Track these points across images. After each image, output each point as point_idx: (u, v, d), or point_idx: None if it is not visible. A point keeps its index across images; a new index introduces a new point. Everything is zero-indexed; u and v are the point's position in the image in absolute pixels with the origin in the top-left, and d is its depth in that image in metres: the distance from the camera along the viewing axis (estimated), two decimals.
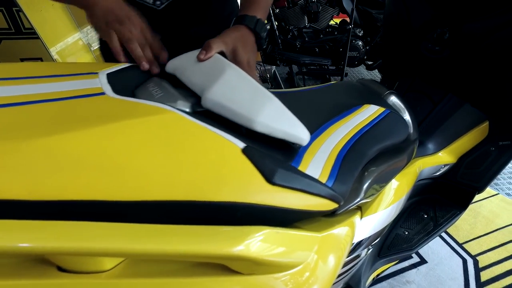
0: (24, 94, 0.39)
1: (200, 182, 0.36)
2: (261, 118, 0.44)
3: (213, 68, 0.53)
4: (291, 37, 2.20)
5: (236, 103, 0.45)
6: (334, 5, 2.12)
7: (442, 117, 0.98)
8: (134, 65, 0.55)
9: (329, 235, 0.51)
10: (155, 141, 0.36)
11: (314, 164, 0.49)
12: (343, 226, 0.56)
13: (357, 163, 0.58)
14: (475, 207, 1.55)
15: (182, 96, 0.47)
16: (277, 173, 0.41)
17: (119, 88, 0.45)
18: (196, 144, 0.39)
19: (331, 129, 0.61)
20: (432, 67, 0.96)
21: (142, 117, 0.38)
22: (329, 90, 0.77)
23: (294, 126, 0.47)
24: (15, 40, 1.71)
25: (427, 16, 0.90)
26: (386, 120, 0.71)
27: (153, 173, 0.35)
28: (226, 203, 0.37)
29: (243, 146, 0.41)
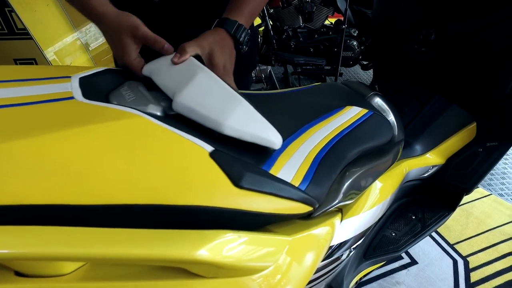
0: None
1: (164, 185, 0.36)
2: (229, 122, 0.44)
3: (186, 71, 0.52)
4: (286, 37, 2.20)
5: (205, 107, 0.45)
6: (329, 5, 2.12)
7: (430, 118, 0.98)
8: (110, 69, 0.55)
9: (303, 237, 0.51)
10: (119, 145, 0.36)
11: (287, 167, 0.49)
12: (319, 228, 0.56)
13: (335, 165, 0.58)
14: (467, 208, 1.55)
15: (154, 100, 0.47)
16: (245, 176, 0.41)
17: (90, 92, 0.44)
18: (162, 148, 0.39)
19: (310, 131, 0.61)
20: (419, 68, 0.96)
21: (107, 122, 0.38)
22: (311, 91, 0.77)
23: (265, 129, 0.47)
24: (8, 40, 1.71)
25: (413, 17, 0.90)
26: (369, 122, 0.71)
27: (117, 177, 0.35)
28: (190, 207, 0.37)
29: (211, 150, 0.41)
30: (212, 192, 0.39)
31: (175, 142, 0.40)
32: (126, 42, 0.55)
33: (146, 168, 0.36)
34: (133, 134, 0.38)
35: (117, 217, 0.35)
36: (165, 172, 0.37)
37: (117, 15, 0.57)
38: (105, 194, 0.34)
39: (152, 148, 0.38)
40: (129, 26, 0.55)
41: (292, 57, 2.13)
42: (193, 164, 0.39)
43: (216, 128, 0.44)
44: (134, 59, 0.55)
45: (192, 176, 0.39)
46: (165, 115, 0.46)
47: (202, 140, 0.42)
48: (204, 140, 0.42)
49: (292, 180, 0.48)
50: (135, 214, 0.35)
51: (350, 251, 0.72)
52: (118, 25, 0.55)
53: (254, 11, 0.69)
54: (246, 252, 0.38)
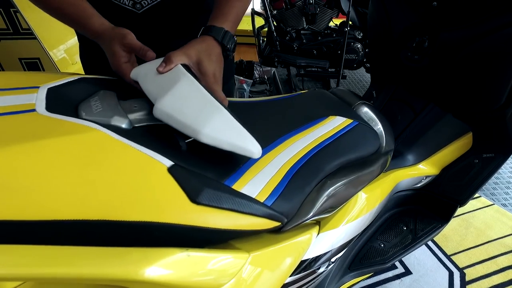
0: None
1: (116, 201, 0.36)
2: (206, 130, 0.44)
3: (170, 78, 0.52)
4: (289, 39, 2.18)
5: (184, 114, 0.45)
6: (333, 6, 2.09)
7: (423, 128, 0.96)
8: (85, 77, 0.55)
9: (269, 252, 0.50)
10: (71, 160, 0.36)
11: (255, 181, 0.48)
12: (290, 242, 0.55)
13: (310, 178, 0.57)
14: (467, 218, 1.51)
15: (122, 112, 0.47)
16: (202, 192, 0.40)
17: (56, 103, 0.44)
18: (117, 163, 0.38)
19: (287, 142, 0.60)
20: (413, 76, 0.93)
21: (61, 136, 0.38)
22: (295, 100, 0.75)
23: (243, 138, 0.46)
24: (13, 40, 1.75)
25: (407, 23, 0.88)
26: (352, 132, 0.69)
27: (65, 192, 0.34)
28: (143, 223, 0.36)
29: (170, 165, 0.40)
30: (167, 208, 0.39)
31: (132, 157, 0.40)
32: (115, 50, 0.59)
33: (97, 183, 0.36)
34: (88, 149, 0.38)
35: (65, 233, 0.35)
36: (118, 188, 0.37)
37: (112, 29, 0.61)
38: (51, 210, 0.33)
39: (106, 163, 0.38)
40: (118, 35, 0.59)
41: (294, 59, 2.11)
42: (149, 179, 0.39)
43: (193, 135, 0.44)
44: (122, 64, 0.59)
45: (147, 191, 0.38)
46: (132, 127, 0.46)
47: (163, 154, 0.41)
48: (166, 154, 0.41)
49: (257, 195, 0.47)
50: (84, 230, 0.35)
51: (329, 264, 0.71)
52: (111, 36, 0.60)
53: (238, 17, 0.69)
54: (194, 271, 0.37)
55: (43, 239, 0.33)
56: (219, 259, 0.41)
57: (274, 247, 0.51)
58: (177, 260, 0.36)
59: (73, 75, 0.54)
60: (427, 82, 0.91)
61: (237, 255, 0.44)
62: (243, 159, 0.50)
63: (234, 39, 0.67)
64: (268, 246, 0.50)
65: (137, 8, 0.71)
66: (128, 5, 0.70)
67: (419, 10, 0.85)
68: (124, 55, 0.59)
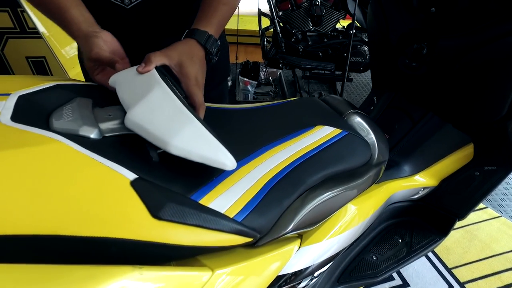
0: None
1: (69, 215, 0.35)
2: (176, 141, 0.43)
3: (144, 86, 0.51)
4: (295, 41, 2.15)
5: (154, 125, 0.44)
6: (340, 8, 2.05)
7: (422, 137, 0.92)
8: (61, 84, 0.54)
9: (239, 268, 0.48)
10: (24, 173, 0.35)
11: (227, 194, 0.47)
12: (264, 257, 0.53)
13: (289, 192, 0.55)
14: (472, 229, 1.45)
15: (92, 121, 0.46)
16: (165, 207, 0.39)
17: (24, 112, 0.43)
18: (75, 176, 0.37)
19: (268, 153, 0.58)
20: (411, 83, 0.89)
21: (18, 148, 0.36)
22: (283, 107, 0.73)
23: (215, 150, 0.45)
24: (20, 39, 1.78)
25: (405, 29, 0.84)
26: (340, 143, 0.66)
27: (12, 206, 0.33)
28: (97, 238, 0.35)
29: (133, 178, 0.39)
30: (126, 223, 0.37)
31: (93, 170, 0.38)
32: (86, 63, 0.58)
33: (50, 197, 0.35)
34: (45, 162, 0.37)
35: (11, 249, 0.33)
36: (74, 202, 0.35)
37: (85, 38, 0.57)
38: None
39: (63, 176, 0.37)
40: (87, 48, 0.57)
41: (299, 62, 2.08)
42: (109, 193, 0.38)
43: (163, 147, 0.43)
44: (95, 76, 0.59)
45: (106, 205, 0.37)
46: (102, 137, 0.45)
47: (128, 167, 0.40)
48: (132, 167, 0.40)
49: (227, 210, 0.45)
50: (33, 246, 0.34)
51: (312, 278, 0.69)
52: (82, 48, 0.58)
53: (223, 21, 0.68)
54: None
55: None
56: (177, 278, 0.39)
57: (245, 262, 0.49)
58: (128, 279, 0.34)
59: (52, 81, 0.53)
60: (425, 90, 0.87)
61: (198, 272, 0.42)
62: (216, 172, 0.49)
63: (218, 43, 0.65)
64: (238, 261, 0.48)
65: (126, 3, 0.70)
66: (117, 0, 0.70)
67: (417, 15, 0.82)
68: (95, 68, 0.58)
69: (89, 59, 0.57)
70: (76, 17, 0.59)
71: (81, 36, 0.58)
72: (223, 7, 0.66)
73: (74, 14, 0.59)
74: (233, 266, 0.46)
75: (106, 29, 0.60)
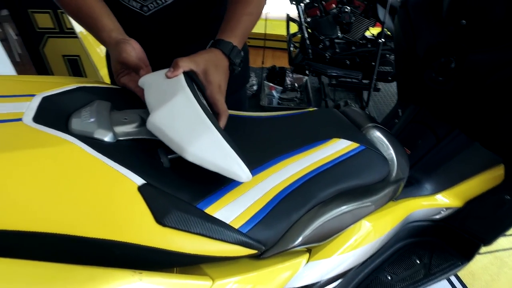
0: None
1: (77, 216, 0.36)
2: (193, 149, 0.43)
3: (168, 90, 0.52)
4: (322, 48, 2.13)
5: (174, 130, 0.45)
6: (370, 16, 2.00)
7: (446, 155, 0.88)
8: (83, 87, 0.56)
9: (241, 279, 0.48)
10: (37, 173, 0.37)
11: (234, 205, 0.46)
12: (269, 269, 0.52)
13: (298, 205, 0.53)
14: (502, 256, 1.36)
15: (107, 124, 0.47)
16: (169, 214, 0.39)
17: (46, 113, 0.45)
18: (85, 178, 0.38)
19: (282, 164, 0.57)
20: (437, 98, 0.85)
21: (33, 149, 0.38)
22: (301, 118, 0.72)
23: (231, 161, 0.45)
24: (59, 38, 1.88)
25: (433, 41, 0.81)
26: (357, 157, 0.64)
27: (24, 203, 0.35)
28: (101, 240, 0.36)
29: (141, 184, 0.40)
30: (130, 227, 0.38)
31: (103, 173, 0.39)
32: (114, 65, 0.62)
33: (60, 197, 0.36)
34: (57, 163, 0.38)
35: (19, 245, 0.35)
36: (82, 203, 0.37)
37: (115, 44, 0.62)
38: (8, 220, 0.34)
39: (73, 177, 0.38)
40: (116, 52, 0.61)
41: (325, 69, 2.05)
42: (116, 196, 0.39)
43: (180, 152, 0.44)
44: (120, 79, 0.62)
45: (112, 209, 0.38)
46: (116, 140, 0.46)
47: (137, 172, 0.41)
48: (141, 172, 0.41)
49: (233, 220, 0.45)
50: (41, 243, 0.35)
51: None
52: (111, 52, 0.63)
53: (246, 32, 0.70)
54: None
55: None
56: (176, 285, 0.40)
57: (248, 274, 0.49)
58: (127, 283, 0.35)
59: (76, 83, 0.56)
60: (452, 106, 0.83)
61: (198, 281, 0.42)
62: (225, 181, 0.48)
63: (241, 55, 0.67)
64: (241, 272, 0.48)
65: (144, 11, 0.73)
66: (136, 8, 0.73)
67: (447, 28, 0.78)
68: (122, 71, 0.62)
69: (117, 62, 0.61)
70: (107, 25, 0.63)
71: (112, 43, 0.62)
72: (247, 17, 0.67)
73: (105, 22, 0.64)
74: (235, 277, 0.46)
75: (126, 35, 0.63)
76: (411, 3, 0.88)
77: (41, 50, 1.92)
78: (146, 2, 0.72)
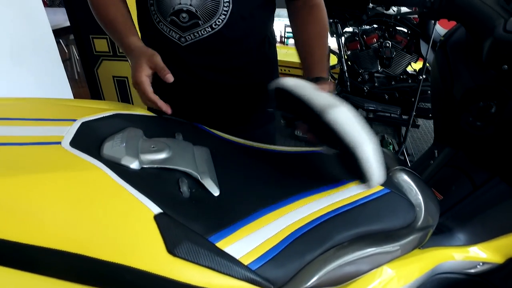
0: None
1: (93, 238, 0.38)
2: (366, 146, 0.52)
3: (327, 98, 0.58)
4: (361, 81, 2.11)
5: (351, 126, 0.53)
6: (412, 51, 1.96)
7: (484, 205, 0.81)
8: (118, 114, 0.61)
9: None
10: (64, 194, 0.40)
11: (246, 240, 0.47)
12: None
13: (313, 246, 0.52)
14: None
15: (134, 152, 0.50)
16: (181, 244, 0.41)
17: (83, 137, 0.50)
18: (106, 203, 0.41)
19: (300, 202, 0.57)
20: (475, 143, 0.81)
21: (64, 172, 0.42)
22: (324, 156, 0.72)
23: (378, 169, 0.53)
24: (112, 61, 2.07)
25: (471, 85, 0.77)
26: (379, 201, 0.62)
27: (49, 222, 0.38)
28: (114, 264, 0.38)
29: (157, 212, 0.42)
30: (143, 254, 0.40)
31: (123, 199, 0.42)
32: (140, 63, 0.68)
33: (82, 218, 0.39)
34: (83, 186, 0.42)
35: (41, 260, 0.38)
36: (101, 226, 0.39)
37: (143, 47, 0.72)
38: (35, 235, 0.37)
39: (96, 201, 0.41)
40: (148, 52, 0.69)
41: (363, 102, 2.02)
42: (133, 223, 0.41)
43: (357, 147, 0.52)
44: (143, 76, 0.67)
45: (128, 234, 0.40)
46: (141, 168, 0.49)
47: (156, 200, 0.43)
48: (159, 200, 0.43)
49: (243, 256, 0.45)
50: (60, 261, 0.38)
51: None
52: (140, 53, 0.70)
53: (326, 59, 0.82)
54: None
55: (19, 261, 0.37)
56: None
57: None
58: None
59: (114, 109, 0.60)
60: (492, 152, 0.78)
61: None
62: (240, 215, 0.49)
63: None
64: None
65: (182, 42, 0.79)
66: (175, 38, 0.79)
67: (487, 71, 0.75)
68: (147, 70, 0.68)
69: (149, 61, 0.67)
70: (134, 43, 0.73)
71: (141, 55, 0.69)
72: (324, 48, 0.80)
73: (132, 40, 0.73)
74: None
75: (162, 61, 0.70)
76: (450, 43, 0.86)
77: (96, 70, 2.11)
78: (184, 33, 0.78)
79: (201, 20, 0.75)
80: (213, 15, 0.75)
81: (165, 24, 0.78)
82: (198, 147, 0.61)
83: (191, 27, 0.76)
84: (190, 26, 0.76)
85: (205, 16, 0.75)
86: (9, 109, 0.55)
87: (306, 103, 0.57)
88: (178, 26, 0.77)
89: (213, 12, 0.75)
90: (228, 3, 0.75)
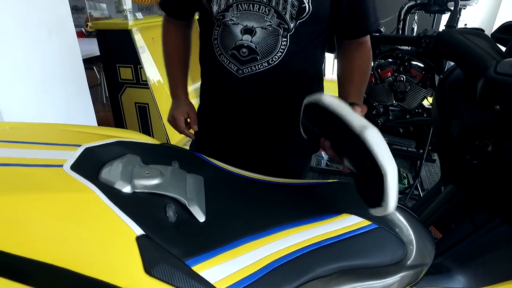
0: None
1: (81, 255, 0.42)
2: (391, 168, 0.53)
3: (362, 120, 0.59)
4: (375, 114, 2.11)
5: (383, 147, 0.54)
6: (428, 86, 1.96)
7: (485, 247, 0.78)
8: (121, 141, 0.65)
9: None
10: (57, 213, 0.44)
11: (223, 266, 0.48)
12: None
13: (291, 277, 0.53)
14: None
15: (128, 177, 0.54)
16: (157, 265, 0.43)
17: (84, 162, 0.54)
18: (94, 223, 0.45)
19: (283, 233, 0.58)
20: (473, 182, 0.79)
21: (60, 193, 0.46)
22: (315, 189, 0.73)
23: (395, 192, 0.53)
24: (135, 88, 2.20)
25: (468, 123, 0.78)
26: (365, 236, 0.63)
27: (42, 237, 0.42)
28: (96, 280, 0.41)
29: (140, 234, 0.45)
30: (121, 272, 0.42)
31: (109, 220, 0.45)
32: (183, 109, 1.03)
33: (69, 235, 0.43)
34: (76, 206, 0.45)
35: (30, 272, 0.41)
36: (87, 244, 0.42)
37: (187, 98, 1.07)
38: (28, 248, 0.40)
39: (85, 221, 0.44)
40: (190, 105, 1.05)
41: None
42: (116, 243, 0.44)
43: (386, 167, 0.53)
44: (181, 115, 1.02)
45: (110, 253, 0.43)
46: (133, 192, 0.52)
47: (140, 223, 0.46)
48: (143, 223, 0.46)
49: (218, 281, 0.46)
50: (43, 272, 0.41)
51: None
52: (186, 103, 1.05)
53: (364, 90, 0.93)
54: None
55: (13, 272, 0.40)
56: None
57: None
58: None
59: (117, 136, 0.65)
60: (491, 193, 0.76)
61: None
62: (221, 241, 0.51)
63: None
64: None
65: (239, 74, 0.86)
66: (233, 70, 0.86)
67: (484, 110, 0.75)
68: (185, 114, 1.02)
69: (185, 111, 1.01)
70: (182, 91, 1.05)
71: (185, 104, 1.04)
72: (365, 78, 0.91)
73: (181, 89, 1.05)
74: None
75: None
76: (448, 81, 0.87)
77: (120, 96, 2.25)
78: (242, 66, 0.84)
79: (259, 55, 0.82)
80: (271, 52, 0.82)
81: (226, 57, 0.85)
82: (192, 175, 0.64)
83: (249, 61, 0.83)
84: (248, 60, 0.83)
85: (263, 52, 0.82)
86: (20, 133, 0.61)
87: (343, 120, 0.59)
88: (237, 59, 0.84)
89: (271, 50, 0.82)
90: (286, 42, 0.81)
